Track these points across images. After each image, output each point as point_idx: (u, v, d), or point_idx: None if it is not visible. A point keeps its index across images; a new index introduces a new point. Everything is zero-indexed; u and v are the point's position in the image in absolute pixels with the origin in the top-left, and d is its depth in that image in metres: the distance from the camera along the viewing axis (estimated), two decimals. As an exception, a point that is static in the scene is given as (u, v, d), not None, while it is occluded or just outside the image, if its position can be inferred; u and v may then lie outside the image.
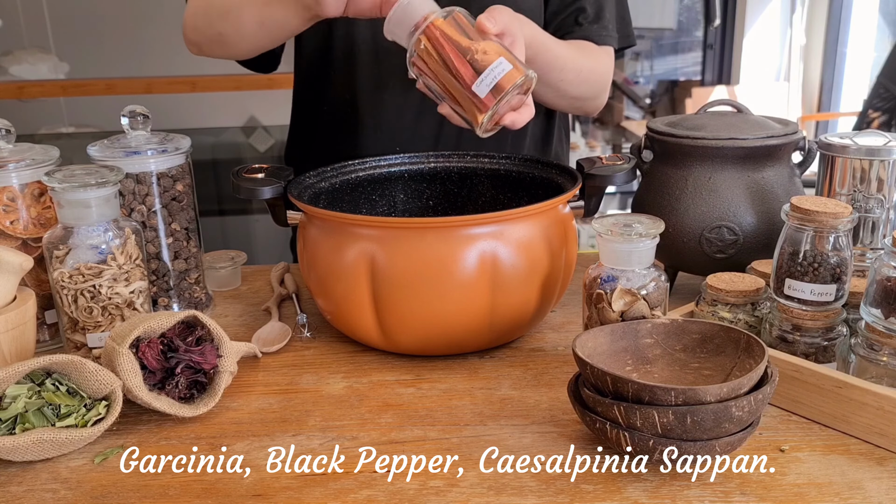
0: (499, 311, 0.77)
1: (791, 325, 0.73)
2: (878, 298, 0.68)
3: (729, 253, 0.87)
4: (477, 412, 0.72)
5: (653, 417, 0.58)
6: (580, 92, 1.04)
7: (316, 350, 0.86)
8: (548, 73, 0.97)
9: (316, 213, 0.80)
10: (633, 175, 0.88)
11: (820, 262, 0.71)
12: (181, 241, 0.91)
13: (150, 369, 0.71)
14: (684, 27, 4.51)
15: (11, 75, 2.93)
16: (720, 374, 0.67)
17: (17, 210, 0.82)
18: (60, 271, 0.76)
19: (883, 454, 0.64)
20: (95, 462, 0.66)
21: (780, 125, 0.90)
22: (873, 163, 0.83)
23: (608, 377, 0.60)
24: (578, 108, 1.11)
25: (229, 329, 0.90)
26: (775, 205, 0.86)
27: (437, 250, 0.74)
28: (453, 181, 0.99)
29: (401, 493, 0.61)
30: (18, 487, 0.63)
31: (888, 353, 0.68)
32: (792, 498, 0.59)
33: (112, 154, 0.86)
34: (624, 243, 0.73)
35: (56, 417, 0.66)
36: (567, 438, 0.67)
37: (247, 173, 0.87)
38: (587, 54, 1.04)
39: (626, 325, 0.70)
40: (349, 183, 0.95)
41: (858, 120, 3.29)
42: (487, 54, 0.73)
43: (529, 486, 0.61)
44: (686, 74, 4.58)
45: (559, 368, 0.80)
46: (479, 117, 0.75)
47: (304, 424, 0.71)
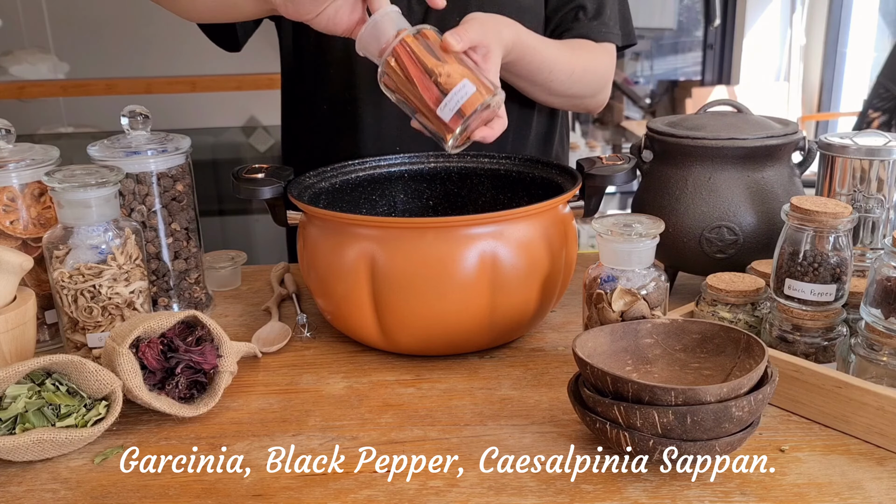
0: (499, 311, 0.77)
1: (791, 325, 0.73)
2: (878, 298, 0.68)
3: (729, 253, 0.87)
4: (477, 412, 0.72)
5: (653, 417, 0.58)
6: (575, 91, 1.04)
7: (316, 350, 0.86)
8: (535, 74, 0.97)
9: (316, 213, 0.80)
10: (633, 175, 0.88)
11: (820, 262, 0.71)
12: (181, 241, 0.91)
13: (150, 369, 0.71)
14: (684, 27, 4.51)
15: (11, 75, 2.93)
16: (720, 374, 0.67)
17: (17, 210, 0.82)
18: (60, 271, 0.76)
19: (883, 454, 0.64)
20: (95, 462, 0.66)
21: (780, 125, 0.90)
22: (873, 163, 0.83)
23: (608, 377, 0.60)
24: (576, 106, 1.11)
25: (229, 329, 0.90)
26: (775, 205, 0.86)
27: (437, 250, 0.74)
28: (453, 181, 0.99)
29: (401, 494, 0.61)
30: (18, 487, 0.63)
31: (888, 353, 0.68)
32: (792, 498, 0.59)
33: (112, 154, 0.86)
34: (624, 243, 0.73)
35: (56, 417, 0.66)
36: (567, 438, 0.67)
37: (247, 173, 0.87)
38: (582, 53, 1.04)
39: (626, 325, 0.70)
40: (349, 183, 0.95)
41: (858, 120, 3.29)
42: (451, 77, 0.74)
43: (529, 487, 0.61)
44: (686, 74, 4.58)
45: (559, 368, 0.80)
46: (447, 136, 0.76)
47: (304, 424, 0.71)
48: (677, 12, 4.36)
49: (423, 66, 0.74)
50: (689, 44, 4.53)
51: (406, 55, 0.75)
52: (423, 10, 1.02)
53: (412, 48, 0.75)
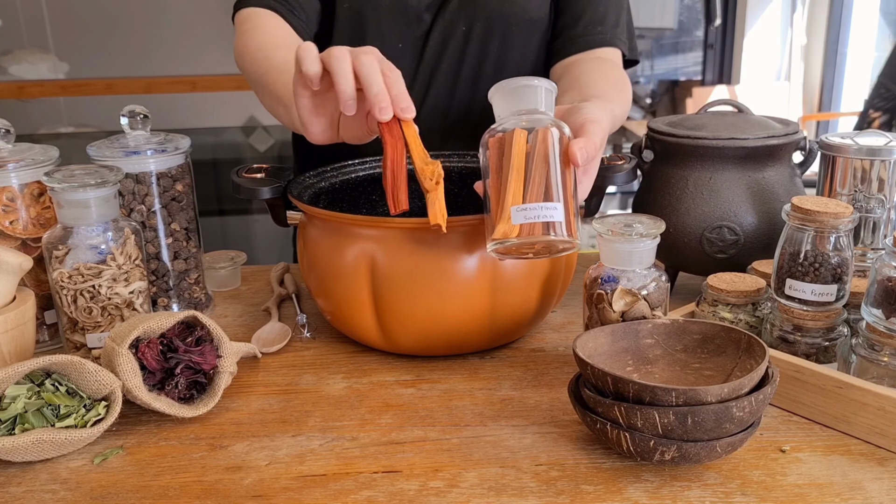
0: (499, 312, 0.77)
1: (792, 325, 0.73)
2: (879, 298, 0.68)
3: (730, 253, 0.87)
4: (477, 412, 0.72)
5: (653, 418, 0.58)
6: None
7: (316, 350, 0.85)
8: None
9: (316, 213, 0.80)
10: (634, 175, 0.88)
11: (821, 262, 0.71)
12: (181, 241, 0.91)
13: (149, 370, 0.71)
14: (685, 27, 4.51)
15: (11, 75, 2.94)
16: (721, 375, 0.67)
17: (16, 210, 0.82)
18: (60, 271, 0.76)
19: (884, 455, 0.64)
20: (95, 462, 0.66)
21: (781, 125, 0.90)
22: (874, 163, 0.83)
23: (609, 377, 0.60)
24: None
25: (229, 329, 0.90)
26: (776, 205, 0.86)
27: (438, 250, 0.74)
28: (453, 181, 0.99)
29: (401, 494, 0.60)
30: (18, 488, 0.63)
31: (889, 354, 0.68)
32: (793, 498, 0.59)
33: (112, 154, 0.86)
34: (624, 243, 0.73)
35: (56, 418, 0.66)
36: (567, 439, 0.67)
37: (247, 173, 0.87)
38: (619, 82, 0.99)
39: (626, 325, 0.70)
40: (349, 183, 0.95)
41: (859, 120, 3.29)
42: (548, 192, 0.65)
43: (530, 487, 0.61)
44: (686, 74, 4.58)
45: (560, 369, 0.80)
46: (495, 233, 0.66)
47: (303, 425, 0.71)
48: (678, 12, 4.36)
49: (539, 165, 0.65)
50: (689, 44, 4.53)
51: (536, 144, 0.66)
52: (432, 17, 1.02)
53: (543, 141, 0.66)
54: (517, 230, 0.65)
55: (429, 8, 1.02)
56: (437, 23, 1.02)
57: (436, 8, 1.02)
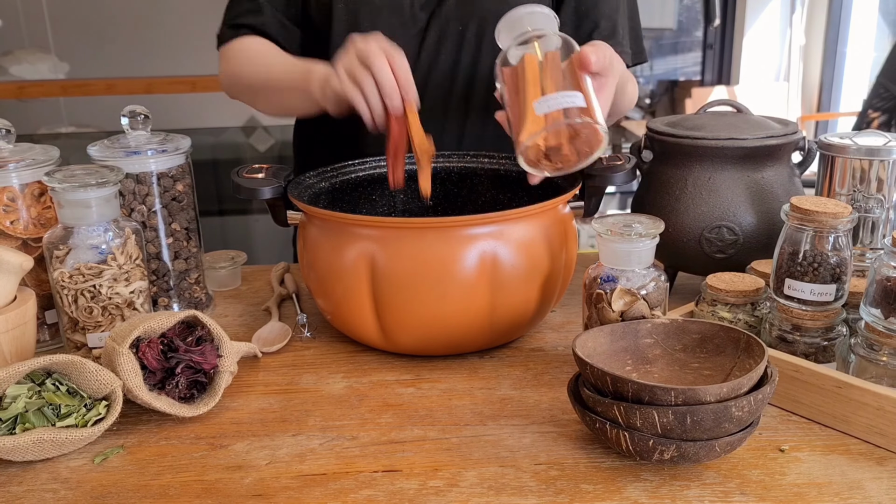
0: (499, 311, 0.77)
1: (791, 325, 0.73)
2: (878, 298, 0.68)
3: (729, 253, 0.87)
4: (477, 412, 0.72)
5: (653, 417, 0.58)
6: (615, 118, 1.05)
7: (316, 350, 0.86)
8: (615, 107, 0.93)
9: (316, 213, 0.80)
10: (633, 175, 0.88)
11: (820, 262, 0.71)
12: (181, 241, 0.91)
13: (150, 369, 0.71)
14: (684, 27, 4.51)
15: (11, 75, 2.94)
16: (720, 374, 0.67)
17: (17, 210, 0.82)
18: (60, 271, 0.76)
19: (883, 454, 0.64)
20: (95, 462, 0.66)
21: (780, 125, 0.90)
22: (873, 163, 0.83)
23: (608, 377, 0.60)
24: None
25: (229, 329, 0.90)
26: (775, 205, 0.86)
27: (437, 250, 0.74)
28: (453, 181, 0.99)
29: (401, 494, 0.61)
30: (18, 487, 0.63)
31: (888, 353, 0.68)
32: (792, 498, 0.59)
33: (112, 154, 0.86)
34: (624, 243, 0.73)
35: (56, 417, 0.66)
36: (567, 438, 0.67)
37: (247, 173, 0.87)
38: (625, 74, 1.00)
39: (625, 325, 0.70)
40: (349, 183, 0.95)
41: (858, 120, 3.29)
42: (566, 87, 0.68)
43: (529, 486, 0.61)
44: (686, 74, 4.58)
45: (559, 368, 0.80)
46: (524, 133, 0.69)
47: (303, 424, 0.71)
48: (677, 12, 4.36)
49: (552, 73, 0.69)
50: (688, 44, 4.53)
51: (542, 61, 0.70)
52: (427, 17, 1.02)
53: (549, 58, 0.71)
54: (542, 121, 0.67)
55: (424, 7, 1.02)
56: (433, 22, 1.02)
57: (431, 7, 1.02)
